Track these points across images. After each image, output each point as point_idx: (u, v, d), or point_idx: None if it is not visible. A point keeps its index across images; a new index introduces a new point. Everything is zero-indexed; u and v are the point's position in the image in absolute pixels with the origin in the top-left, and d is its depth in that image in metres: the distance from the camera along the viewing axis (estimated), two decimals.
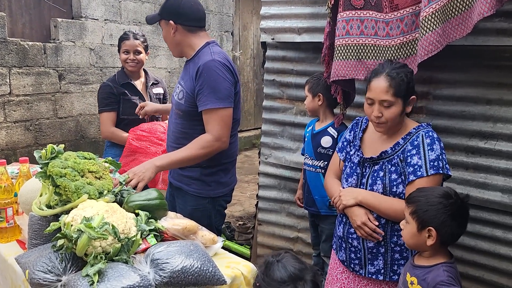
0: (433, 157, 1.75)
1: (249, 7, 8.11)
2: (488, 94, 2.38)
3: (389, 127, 1.84)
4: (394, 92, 1.77)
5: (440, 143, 1.79)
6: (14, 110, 4.44)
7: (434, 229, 1.58)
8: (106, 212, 1.54)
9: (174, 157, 2.13)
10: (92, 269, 1.38)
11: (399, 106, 1.78)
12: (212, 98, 2.09)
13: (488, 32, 2.26)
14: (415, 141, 1.79)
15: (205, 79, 2.09)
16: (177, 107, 2.26)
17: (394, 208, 1.77)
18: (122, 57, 3.09)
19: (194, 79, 2.14)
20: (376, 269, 1.87)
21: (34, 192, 1.82)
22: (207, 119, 2.13)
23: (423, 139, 1.78)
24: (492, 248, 2.45)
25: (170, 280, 1.48)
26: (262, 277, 1.36)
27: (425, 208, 1.59)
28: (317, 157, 2.67)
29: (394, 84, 1.77)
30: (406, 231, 1.66)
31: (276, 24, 3.13)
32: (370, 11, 2.24)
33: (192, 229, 1.75)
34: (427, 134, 1.79)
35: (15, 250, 1.85)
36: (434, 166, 1.74)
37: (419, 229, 1.61)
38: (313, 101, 2.69)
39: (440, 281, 1.56)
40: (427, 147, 1.77)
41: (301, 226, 3.29)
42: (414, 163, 1.77)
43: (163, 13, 2.26)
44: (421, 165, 1.75)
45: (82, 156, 1.75)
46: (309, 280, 1.32)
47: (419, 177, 1.74)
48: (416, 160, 1.77)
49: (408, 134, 1.83)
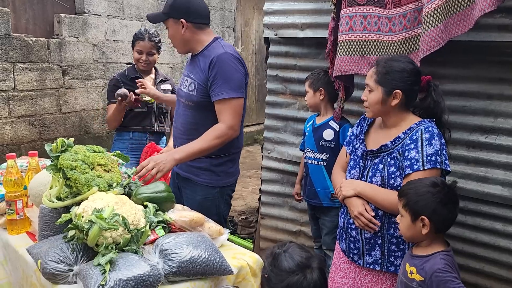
0: (431, 152, 1.78)
1: (251, 3, 8.12)
2: (489, 89, 2.42)
3: (374, 113, 1.94)
4: (376, 78, 1.88)
5: (440, 139, 1.82)
6: (18, 106, 4.48)
7: (427, 218, 1.63)
8: (116, 204, 1.58)
9: (191, 149, 2.15)
10: (104, 258, 1.42)
11: (378, 94, 1.87)
12: (225, 88, 2.15)
13: (490, 28, 2.29)
14: (414, 135, 1.83)
15: (219, 70, 2.15)
16: (188, 99, 2.29)
17: (390, 200, 1.82)
18: (135, 56, 3.16)
19: (206, 70, 2.19)
20: (374, 260, 1.93)
21: (44, 185, 1.85)
22: (220, 109, 2.18)
23: (422, 134, 1.81)
24: (492, 241, 2.50)
25: (179, 270, 1.52)
26: (270, 268, 1.39)
27: (415, 199, 1.65)
28: (319, 150, 2.71)
29: (378, 71, 1.88)
30: (402, 224, 1.72)
31: (279, 19, 3.16)
32: (373, 7, 2.27)
33: (199, 221, 1.79)
34: (427, 129, 1.82)
35: (25, 242, 1.89)
36: (431, 161, 1.77)
37: (413, 220, 1.66)
38: (314, 96, 2.73)
39: (437, 269, 1.61)
40: (425, 141, 1.80)
41: (303, 219, 3.33)
42: (411, 157, 1.81)
43: (172, 12, 2.28)
44: (418, 159, 1.79)
45: (91, 149, 1.79)
46: (316, 268, 1.35)
47: (415, 170, 1.78)
48: (414, 154, 1.80)
49: (409, 129, 1.87)
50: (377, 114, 1.94)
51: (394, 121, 1.92)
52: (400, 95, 1.85)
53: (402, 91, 1.84)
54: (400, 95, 1.85)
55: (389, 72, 1.86)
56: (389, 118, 1.93)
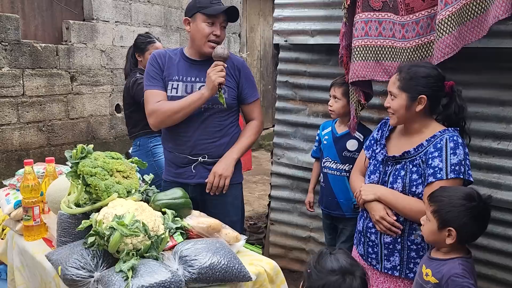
0: (455, 161, 1.78)
1: (256, 9, 8.16)
2: (502, 96, 2.42)
3: (399, 120, 1.93)
4: (399, 85, 1.89)
5: (464, 149, 1.82)
6: (27, 111, 4.50)
7: (455, 230, 1.61)
8: (136, 211, 1.59)
9: (242, 146, 2.35)
10: (126, 265, 1.43)
11: (402, 100, 1.87)
12: (254, 90, 2.45)
13: (502, 34, 2.30)
14: (439, 144, 1.83)
15: (245, 74, 2.39)
16: (216, 102, 2.23)
17: (411, 207, 1.82)
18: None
19: (233, 75, 2.35)
20: (392, 265, 1.92)
21: (62, 191, 1.86)
22: (253, 108, 2.45)
23: (446, 143, 1.81)
24: (504, 247, 2.49)
25: (199, 276, 1.53)
26: (314, 265, 1.40)
27: (448, 209, 1.62)
28: (342, 160, 2.65)
29: (401, 78, 1.89)
30: (426, 228, 1.70)
31: (289, 26, 3.18)
32: (388, 13, 2.28)
33: (216, 227, 1.80)
34: (452, 138, 1.82)
35: (42, 248, 1.90)
36: (455, 170, 1.77)
37: (439, 228, 1.64)
38: (346, 105, 2.59)
39: (455, 273, 1.59)
40: (450, 150, 1.79)
41: (313, 225, 3.34)
42: (435, 165, 1.80)
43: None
44: (442, 167, 1.78)
45: (110, 156, 1.80)
46: (358, 276, 1.35)
47: (438, 179, 1.78)
48: (438, 162, 1.80)
49: (433, 136, 1.87)
50: (401, 120, 1.94)
51: (417, 128, 1.92)
52: (425, 100, 1.85)
53: (427, 97, 1.85)
54: (425, 101, 1.85)
55: (414, 77, 1.86)
56: (413, 125, 1.93)
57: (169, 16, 5.99)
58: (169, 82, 2.30)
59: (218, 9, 2.21)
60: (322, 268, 1.38)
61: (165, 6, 5.91)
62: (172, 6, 6.03)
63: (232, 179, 2.30)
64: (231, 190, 2.32)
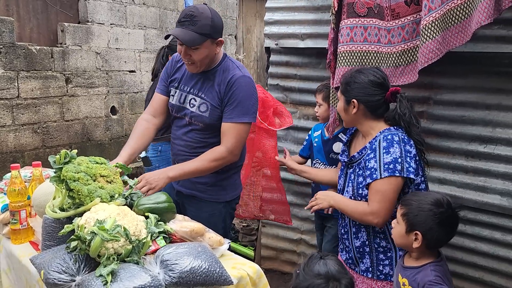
0: (388, 160, 1.80)
1: (253, 10, 8.18)
2: (488, 100, 2.44)
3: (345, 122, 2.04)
4: (340, 89, 2.01)
5: (400, 146, 1.82)
6: (22, 113, 4.52)
7: (421, 234, 1.64)
8: (118, 215, 1.60)
9: (187, 168, 2.13)
10: (106, 269, 1.45)
11: (340, 103, 1.99)
12: (237, 112, 2.13)
13: (488, 39, 2.31)
14: (374, 145, 1.88)
15: (235, 93, 2.12)
16: (199, 119, 2.21)
17: (355, 209, 1.91)
18: None
19: (222, 91, 2.14)
20: (366, 267, 1.98)
21: (47, 196, 1.88)
22: (225, 131, 2.15)
23: (380, 143, 1.85)
24: (491, 250, 2.51)
25: (179, 281, 1.54)
26: (303, 266, 1.43)
27: (415, 213, 1.66)
28: (329, 162, 2.72)
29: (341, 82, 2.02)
30: (396, 231, 1.74)
31: (280, 30, 3.20)
32: (373, 18, 2.30)
33: (199, 231, 1.81)
34: (385, 138, 1.85)
35: (28, 251, 1.91)
36: (389, 169, 1.79)
37: (407, 231, 1.68)
38: (328, 109, 2.64)
39: (428, 281, 1.62)
40: (383, 150, 1.83)
41: (304, 228, 3.35)
42: (371, 166, 1.85)
43: (213, 32, 2.08)
44: (376, 168, 1.82)
45: (94, 160, 1.82)
46: (343, 285, 1.37)
47: (374, 179, 1.82)
48: (373, 163, 1.84)
49: (374, 138, 1.91)
50: (347, 122, 2.03)
51: (365, 130, 1.97)
52: (357, 104, 1.91)
53: (358, 101, 1.91)
54: (357, 105, 1.91)
55: (349, 82, 1.94)
56: (361, 127, 1.99)
57: (164, 18, 6.00)
58: (171, 88, 2.33)
59: (170, 32, 2.10)
60: (309, 270, 1.41)
61: (161, 8, 5.93)
62: (167, 8, 6.04)
63: (213, 196, 2.26)
64: (206, 206, 2.26)
